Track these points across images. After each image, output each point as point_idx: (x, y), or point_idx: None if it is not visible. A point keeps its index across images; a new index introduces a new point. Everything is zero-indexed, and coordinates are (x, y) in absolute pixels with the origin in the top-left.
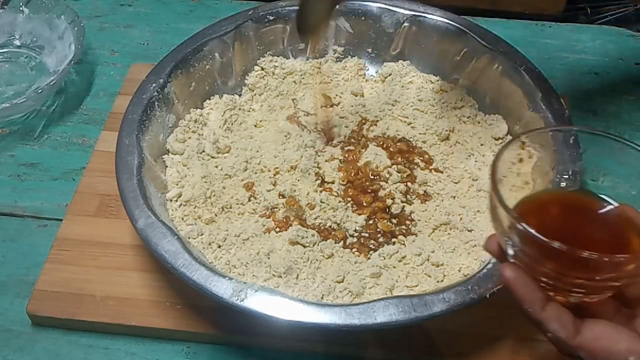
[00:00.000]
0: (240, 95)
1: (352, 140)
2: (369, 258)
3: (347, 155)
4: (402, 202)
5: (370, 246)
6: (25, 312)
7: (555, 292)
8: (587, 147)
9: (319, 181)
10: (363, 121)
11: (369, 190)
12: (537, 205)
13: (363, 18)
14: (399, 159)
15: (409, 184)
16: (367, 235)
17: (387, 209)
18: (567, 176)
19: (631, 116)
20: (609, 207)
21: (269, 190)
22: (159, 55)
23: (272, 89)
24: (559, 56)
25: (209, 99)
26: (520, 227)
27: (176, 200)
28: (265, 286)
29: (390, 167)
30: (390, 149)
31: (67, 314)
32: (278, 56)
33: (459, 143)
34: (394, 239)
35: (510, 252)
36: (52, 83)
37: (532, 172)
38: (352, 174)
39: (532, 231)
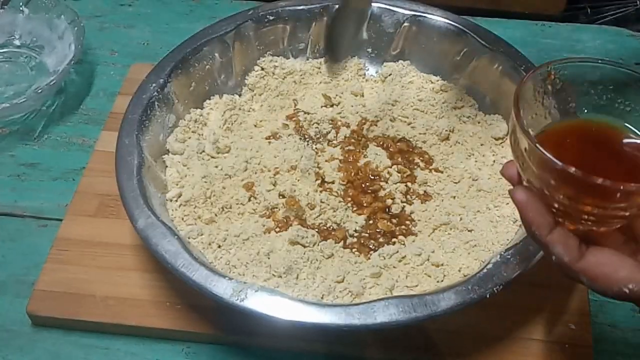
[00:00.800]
0: (240, 95)
1: (352, 140)
2: (369, 258)
3: (347, 155)
4: (402, 202)
5: (370, 246)
6: (25, 312)
7: (565, 219)
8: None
9: (319, 181)
10: (363, 121)
11: (369, 191)
12: (558, 134)
13: None
14: (399, 159)
15: (409, 184)
16: (367, 235)
17: (387, 209)
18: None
19: None
20: (633, 140)
21: (269, 190)
22: (159, 55)
23: (272, 89)
24: (559, 56)
25: (209, 99)
26: (537, 150)
27: (176, 200)
28: (265, 286)
29: (390, 167)
30: (390, 149)
31: (67, 314)
32: (278, 56)
33: (459, 143)
34: (394, 239)
35: (525, 177)
36: (52, 83)
37: (556, 103)
38: (352, 174)
39: (548, 154)
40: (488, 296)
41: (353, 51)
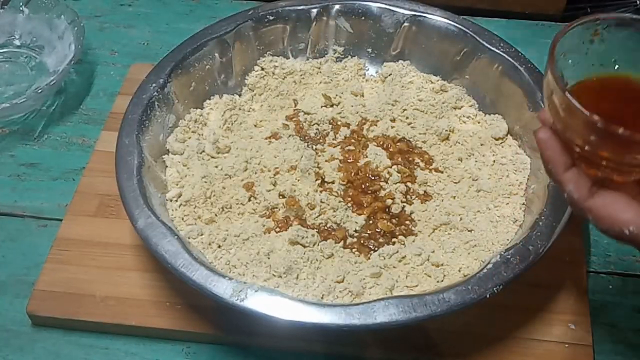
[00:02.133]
0: (240, 95)
1: (352, 140)
2: (369, 258)
3: (347, 155)
4: (402, 202)
5: (370, 246)
6: (25, 312)
7: (586, 164)
8: None
9: (319, 181)
10: (363, 121)
11: (369, 191)
12: (595, 83)
13: (363, 18)
14: (399, 159)
15: (409, 184)
16: (367, 235)
17: (387, 209)
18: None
19: None
20: None
21: (269, 190)
22: (159, 55)
23: (272, 89)
24: None
25: (209, 99)
26: (564, 95)
27: (176, 200)
28: (265, 286)
29: (390, 167)
30: (390, 149)
31: (67, 314)
32: (278, 56)
33: (459, 143)
34: (394, 239)
35: (552, 118)
36: (52, 83)
37: (600, 55)
38: (352, 174)
39: (573, 100)
40: (488, 296)
41: None
